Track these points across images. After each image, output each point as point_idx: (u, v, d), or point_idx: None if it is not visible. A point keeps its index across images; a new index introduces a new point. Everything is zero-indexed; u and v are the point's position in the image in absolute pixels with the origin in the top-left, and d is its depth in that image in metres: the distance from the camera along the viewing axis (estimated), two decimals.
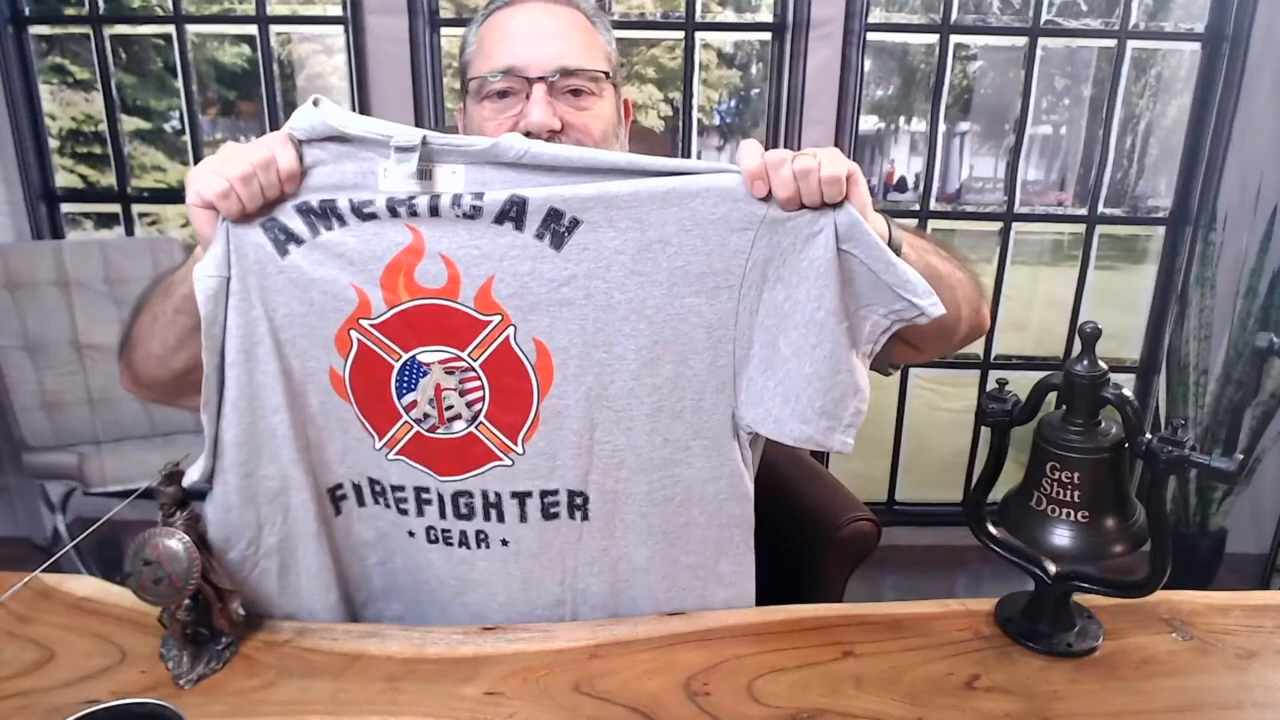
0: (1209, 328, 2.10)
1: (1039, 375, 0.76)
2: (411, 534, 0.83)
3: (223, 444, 0.76)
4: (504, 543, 0.81)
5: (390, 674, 0.72)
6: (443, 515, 0.81)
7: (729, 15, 2.70)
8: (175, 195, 2.55)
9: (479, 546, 0.81)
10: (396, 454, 0.79)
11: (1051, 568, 0.77)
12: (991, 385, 0.79)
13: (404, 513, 0.82)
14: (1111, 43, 2.19)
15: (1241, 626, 0.79)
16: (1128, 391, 0.72)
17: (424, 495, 0.81)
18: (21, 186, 2.26)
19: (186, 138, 2.34)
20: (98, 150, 2.60)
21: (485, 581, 0.82)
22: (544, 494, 0.79)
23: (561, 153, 0.70)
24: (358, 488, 0.82)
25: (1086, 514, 0.72)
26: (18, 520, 2.41)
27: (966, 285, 0.83)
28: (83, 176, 2.84)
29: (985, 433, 0.82)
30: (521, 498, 0.79)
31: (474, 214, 0.70)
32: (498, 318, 0.73)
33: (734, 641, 0.76)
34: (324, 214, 0.71)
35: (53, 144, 2.38)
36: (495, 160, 0.70)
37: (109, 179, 2.39)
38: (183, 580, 0.68)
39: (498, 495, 0.79)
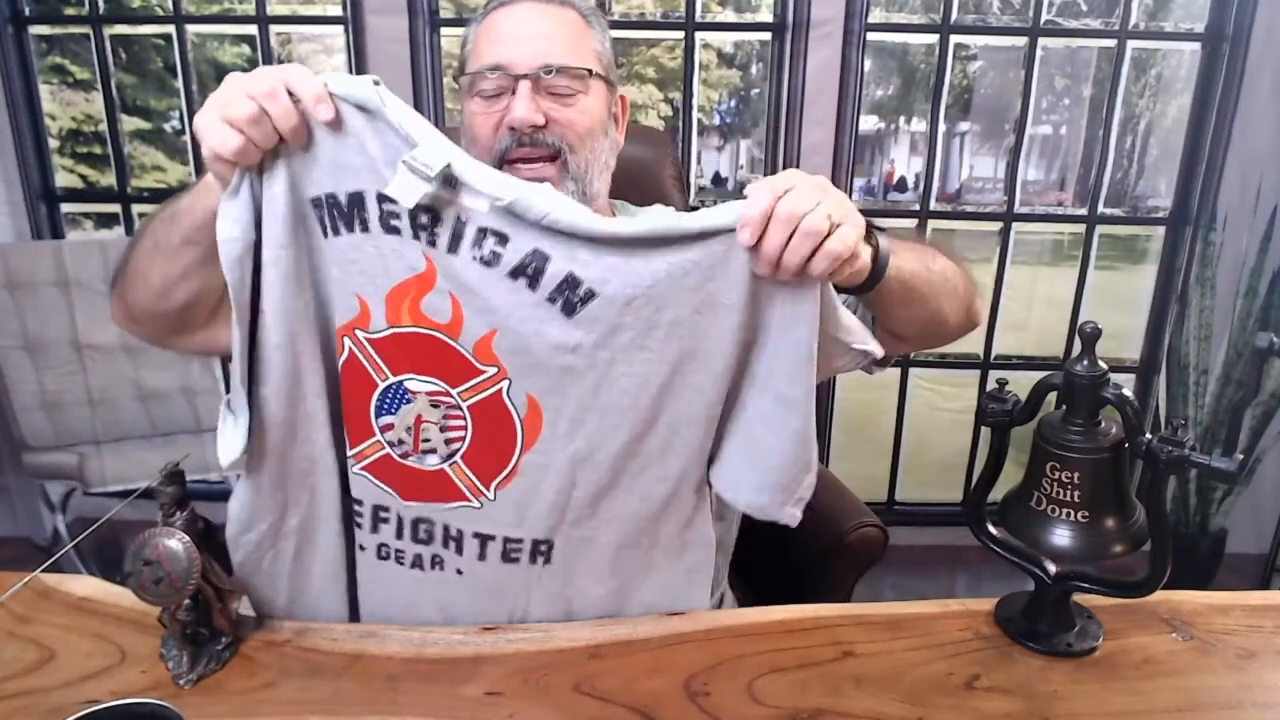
0: (1209, 328, 2.10)
1: (1039, 375, 0.76)
2: (363, 548, 0.81)
3: (263, 425, 0.75)
4: (459, 572, 0.79)
5: (390, 674, 0.72)
6: (399, 536, 0.80)
7: (729, 15, 2.70)
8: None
9: (432, 569, 0.80)
10: (362, 469, 0.78)
11: (1051, 568, 0.77)
12: (991, 385, 0.79)
13: (358, 526, 0.81)
14: (1111, 43, 2.19)
15: (1241, 626, 0.79)
16: (1128, 391, 0.72)
17: (381, 514, 0.79)
18: (21, 186, 2.26)
19: (186, 138, 2.34)
20: (98, 150, 2.60)
21: (434, 600, 0.81)
22: (507, 540, 0.78)
23: (582, 222, 0.67)
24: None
25: (1086, 514, 0.72)
26: (18, 520, 2.41)
27: (958, 286, 0.83)
28: (83, 176, 2.84)
29: (985, 433, 0.82)
30: (484, 539, 0.78)
31: (492, 261, 0.68)
32: (494, 369, 0.72)
33: (734, 641, 0.76)
34: (350, 216, 0.69)
35: (53, 144, 2.38)
36: (519, 215, 0.67)
37: (109, 179, 2.39)
38: (183, 580, 0.68)
39: (459, 531, 0.78)
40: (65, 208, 2.39)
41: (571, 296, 0.69)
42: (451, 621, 0.80)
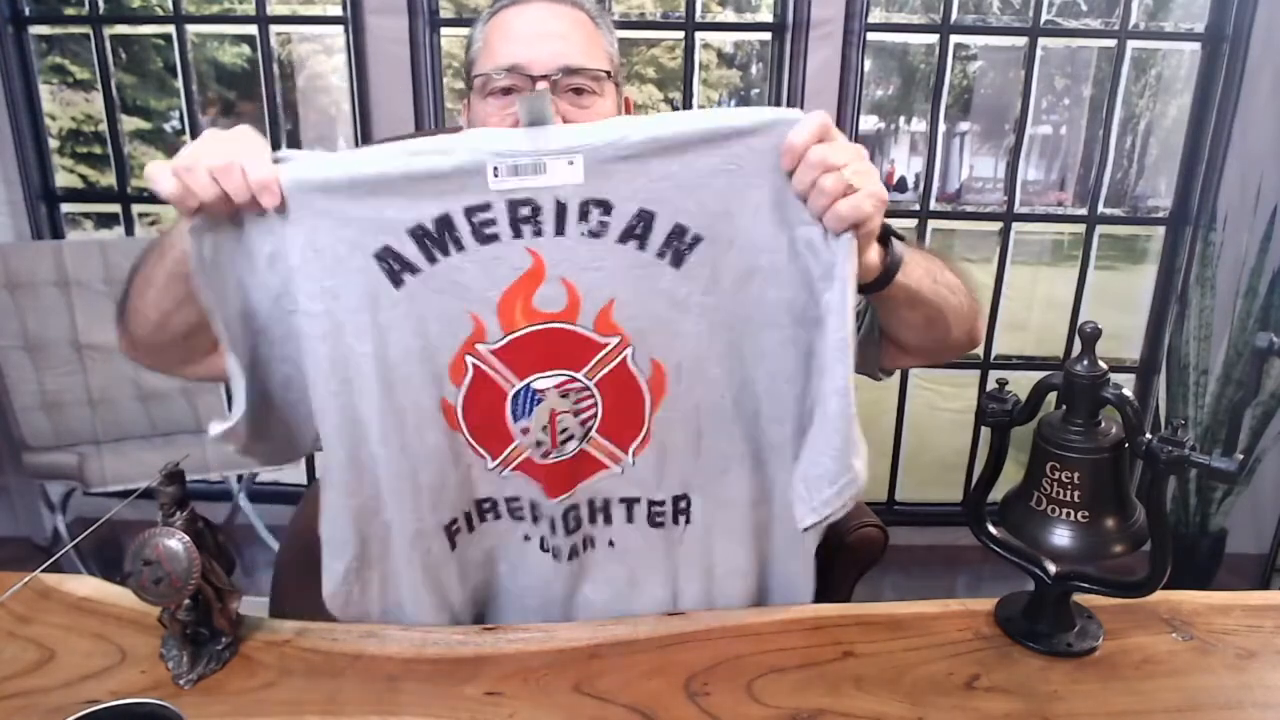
0: (1209, 328, 2.10)
1: (1039, 375, 0.76)
2: (526, 538, 0.84)
3: (328, 463, 0.76)
4: (610, 544, 0.84)
5: (390, 674, 0.72)
6: (553, 530, 0.83)
7: (729, 15, 2.71)
8: None
9: (586, 550, 0.84)
10: (512, 470, 0.81)
11: (1051, 568, 0.77)
12: (991, 385, 0.80)
13: (519, 519, 0.83)
14: (1111, 43, 2.19)
15: (1241, 626, 0.79)
16: (1128, 391, 0.72)
17: (535, 510, 0.83)
18: (21, 186, 2.26)
19: (186, 138, 2.34)
20: (98, 150, 2.60)
21: (593, 583, 0.85)
22: (651, 503, 0.82)
23: (658, 130, 0.66)
24: (468, 515, 0.83)
25: (1086, 514, 0.72)
26: (18, 520, 2.41)
27: (962, 303, 0.83)
28: (83, 176, 2.84)
29: (985, 433, 0.82)
30: (630, 503, 0.82)
31: (600, 231, 0.69)
32: (616, 339, 0.74)
33: (734, 641, 0.76)
34: (440, 237, 0.68)
35: (53, 144, 2.38)
36: (602, 158, 0.66)
37: (109, 179, 2.39)
38: (183, 580, 0.68)
39: (605, 500, 0.82)
40: (65, 208, 2.39)
41: (680, 246, 0.70)
42: (614, 599, 0.84)
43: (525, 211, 0.68)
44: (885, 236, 0.73)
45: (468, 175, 0.67)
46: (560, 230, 0.69)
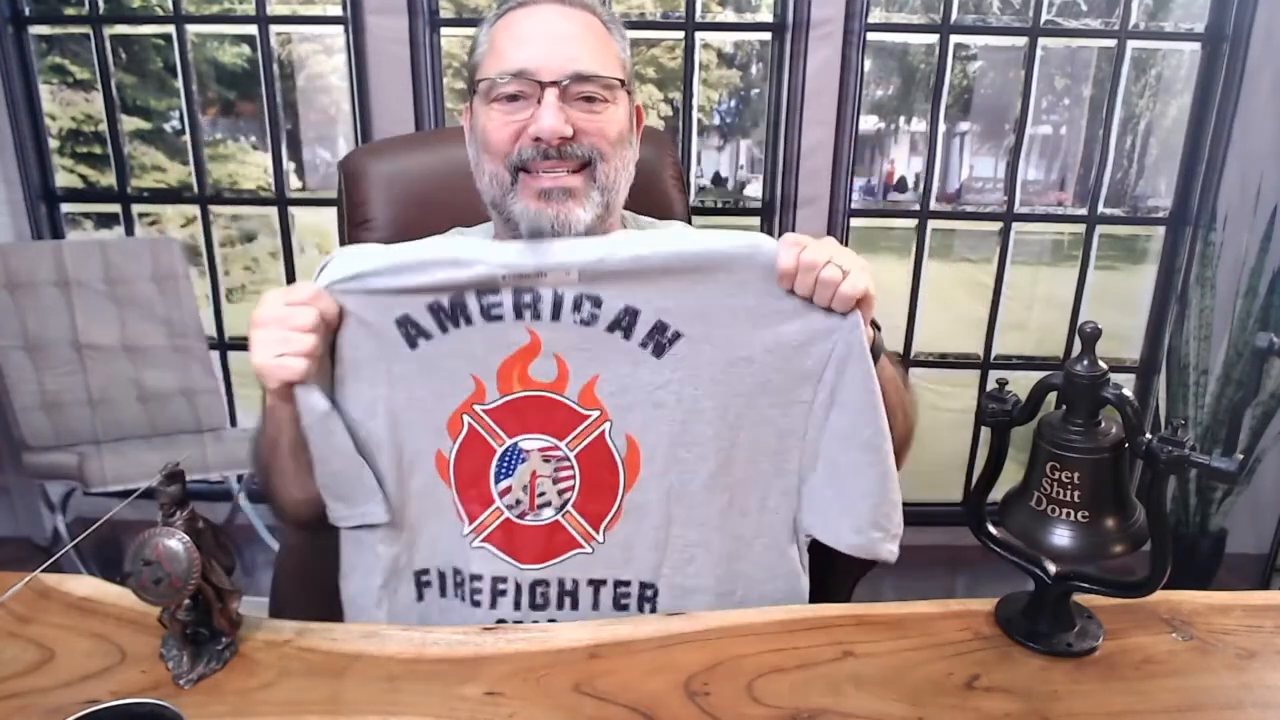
0: (1209, 328, 2.10)
1: (1039, 375, 0.76)
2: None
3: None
4: None
5: (390, 674, 0.72)
6: (517, 606, 0.84)
7: (729, 15, 2.70)
8: (175, 195, 2.56)
9: None
10: (482, 541, 0.83)
11: (1051, 568, 0.77)
12: (991, 385, 0.80)
13: (476, 605, 0.84)
14: (1111, 43, 2.19)
15: (1241, 626, 0.79)
16: (1128, 391, 0.72)
17: (500, 586, 0.84)
18: (21, 186, 2.26)
19: (186, 138, 2.34)
20: (98, 150, 2.60)
21: None
22: (618, 584, 0.84)
23: (641, 250, 0.75)
24: (442, 575, 0.85)
25: (1086, 514, 0.72)
26: (18, 520, 2.41)
27: (901, 430, 0.85)
28: (83, 176, 2.84)
29: (985, 433, 0.82)
30: (597, 585, 0.84)
31: (590, 321, 0.77)
32: (597, 413, 0.79)
33: (734, 641, 0.76)
34: (453, 313, 0.76)
35: (53, 144, 2.38)
36: (595, 270, 0.76)
37: (109, 179, 2.39)
38: (183, 580, 0.68)
39: (574, 583, 0.83)
40: (65, 208, 2.39)
41: (661, 339, 0.77)
42: None
43: (527, 299, 0.76)
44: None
45: (479, 283, 0.76)
46: (556, 316, 0.76)
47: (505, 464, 0.81)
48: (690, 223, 1.22)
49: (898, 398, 0.84)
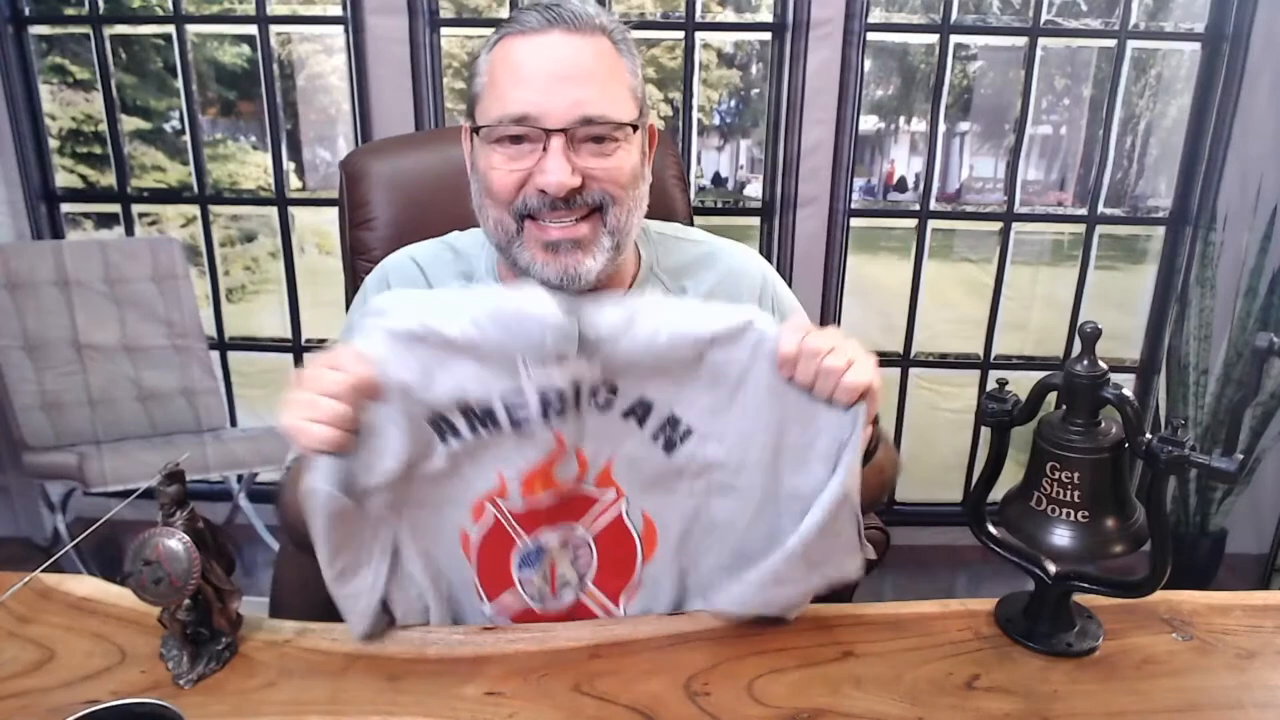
0: (1209, 328, 2.10)
1: (1039, 375, 0.76)
2: None
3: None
4: None
5: (390, 674, 0.72)
6: None
7: (729, 15, 2.70)
8: (175, 195, 2.56)
9: None
10: (499, 615, 0.82)
11: (1051, 568, 0.77)
12: (991, 385, 0.80)
13: None
14: (1111, 43, 2.19)
15: (1241, 626, 0.79)
16: (1128, 391, 0.72)
17: None
18: (21, 186, 2.26)
19: (186, 138, 2.34)
20: (98, 150, 2.60)
21: None
22: None
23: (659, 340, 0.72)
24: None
25: (1086, 514, 0.72)
26: (18, 520, 2.41)
27: (884, 488, 0.90)
28: (83, 176, 2.84)
29: (985, 433, 0.82)
30: None
31: (607, 406, 0.75)
32: (613, 493, 0.78)
33: (734, 641, 0.76)
34: (483, 418, 0.74)
35: (53, 144, 2.38)
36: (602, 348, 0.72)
37: (109, 179, 2.39)
38: (183, 580, 0.68)
39: None
40: (65, 208, 2.39)
41: (672, 435, 0.75)
42: None
43: (551, 398, 0.73)
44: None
45: (505, 364, 0.71)
46: (576, 405, 0.74)
47: (526, 558, 0.80)
48: (692, 223, 1.21)
49: (878, 479, 0.85)
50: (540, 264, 0.80)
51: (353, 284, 1.15)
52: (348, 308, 1.03)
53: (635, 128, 0.80)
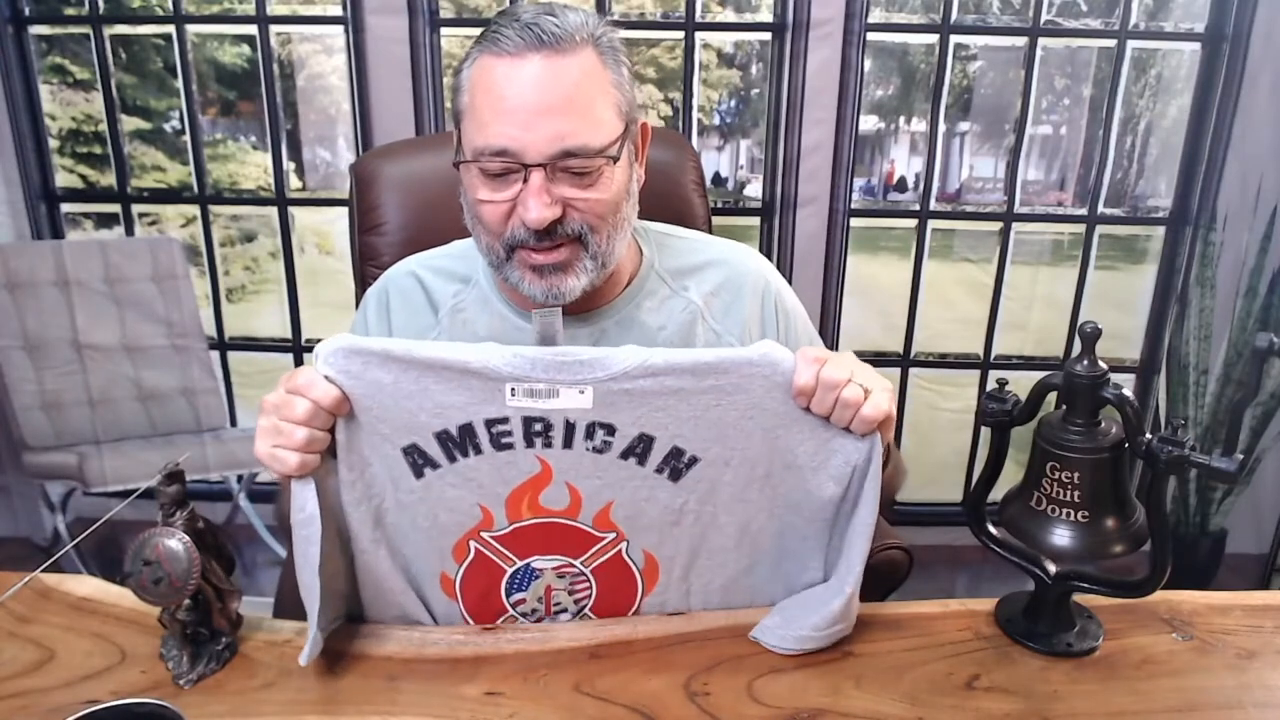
0: (1209, 328, 2.10)
1: (1039, 375, 0.76)
2: None
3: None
4: None
5: (390, 674, 0.72)
6: None
7: (729, 15, 2.70)
8: (175, 195, 2.56)
9: None
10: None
11: (1051, 568, 0.77)
12: (991, 385, 0.80)
13: None
14: (1111, 43, 2.19)
15: (1241, 626, 0.79)
16: (1128, 391, 0.72)
17: None
18: (21, 186, 2.26)
19: (186, 138, 2.34)
20: (98, 150, 2.60)
21: None
22: None
23: (676, 362, 0.71)
24: None
25: (1086, 514, 0.72)
26: (18, 520, 2.41)
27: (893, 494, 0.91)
28: (83, 176, 2.84)
29: (985, 433, 0.82)
30: None
31: (604, 448, 0.73)
32: (612, 534, 0.77)
33: (734, 641, 0.77)
34: (463, 443, 0.73)
35: (53, 144, 2.38)
36: (604, 382, 0.71)
37: (109, 179, 2.39)
38: (183, 580, 0.68)
39: None
40: (65, 208, 2.39)
41: (677, 465, 0.74)
42: None
43: (538, 427, 0.72)
44: None
45: (489, 391, 0.71)
46: (568, 444, 0.73)
47: (517, 580, 0.79)
48: (710, 230, 1.18)
49: (886, 490, 0.84)
50: (528, 282, 0.83)
51: (362, 290, 1.14)
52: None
53: (616, 159, 0.80)
